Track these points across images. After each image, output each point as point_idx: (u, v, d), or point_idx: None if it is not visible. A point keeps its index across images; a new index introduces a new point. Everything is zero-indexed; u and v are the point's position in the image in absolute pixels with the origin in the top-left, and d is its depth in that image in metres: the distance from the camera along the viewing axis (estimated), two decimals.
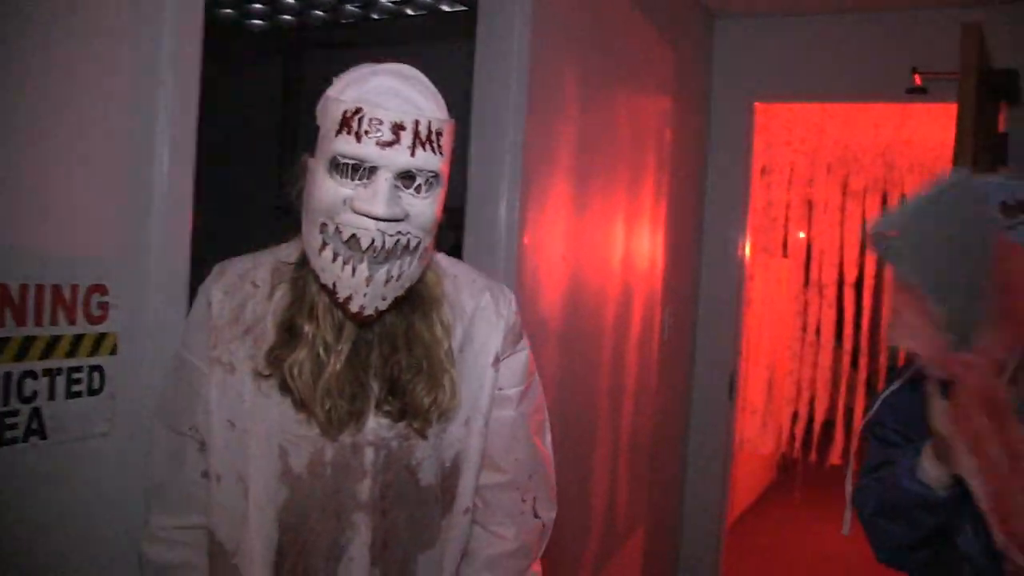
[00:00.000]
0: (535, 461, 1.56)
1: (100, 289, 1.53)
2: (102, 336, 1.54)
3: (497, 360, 1.48)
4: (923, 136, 6.31)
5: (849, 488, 1.87)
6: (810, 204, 7.11)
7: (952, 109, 3.02)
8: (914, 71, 4.02)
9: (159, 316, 1.63)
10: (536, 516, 1.56)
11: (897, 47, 4.17)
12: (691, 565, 4.75)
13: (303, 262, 1.36)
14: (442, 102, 1.29)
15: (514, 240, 2.54)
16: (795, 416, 7.27)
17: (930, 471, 1.52)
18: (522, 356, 1.54)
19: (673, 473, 4.58)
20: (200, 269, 1.52)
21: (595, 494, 3.32)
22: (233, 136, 4.96)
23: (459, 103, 1.43)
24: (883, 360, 7.10)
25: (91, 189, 1.51)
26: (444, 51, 3.82)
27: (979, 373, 1.35)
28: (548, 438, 1.61)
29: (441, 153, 1.26)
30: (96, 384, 1.53)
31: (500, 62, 2.54)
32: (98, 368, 1.54)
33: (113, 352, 1.56)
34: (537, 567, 1.60)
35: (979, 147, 3.10)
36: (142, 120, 1.59)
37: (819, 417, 7.25)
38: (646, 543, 4.07)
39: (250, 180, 5.06)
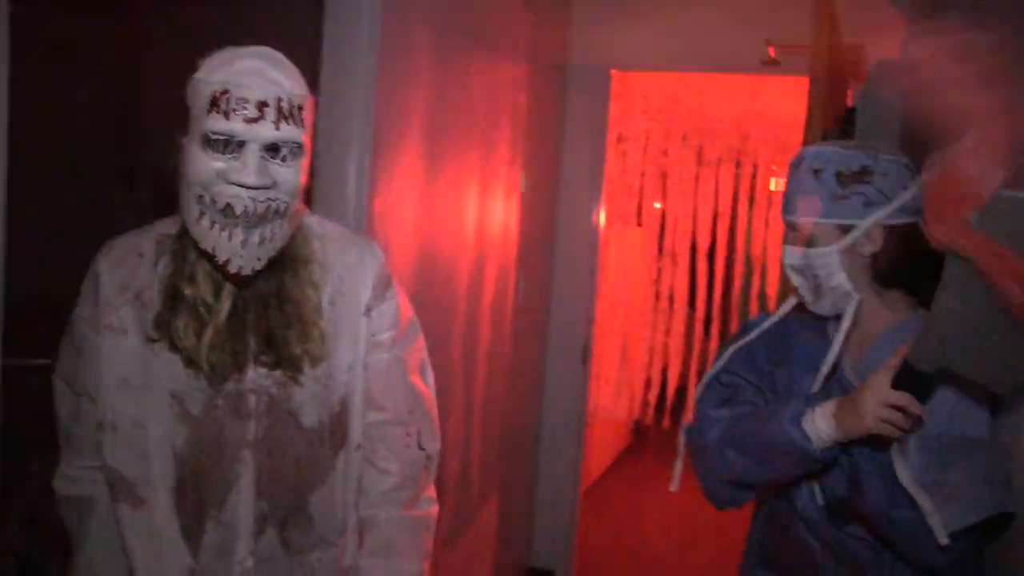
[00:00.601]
0: (414, 397, 1.75)
1: None
2: None
3: (368, 310, 1.65)
4: (777, 108, 6.47)
5: (682, 440, 1.91)
6: (664, 173, 7.22)
7: (804, 82, 3.08)
8: (768, 43, 4.09)
9: None
10: (420, 448, 1.77)
11: (753, 19, 4.20)
12: (548, 528, 4.78)
13: (183, 233, 1.49)
14: (302, 80, 1.44)
15: (364, 206, 2.45)
16: (648, 382, 7.43)
17: (819, 425, 1.54)
18: (392, 304, 1.71)
19: (528, 439, 4.59)
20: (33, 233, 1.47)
21: (448, 462, 3.29)
22: (69, 98, 4.69)
23: (308, 64, 1.46)
24: (734, 325, 7.34)
25: None
26: (292, 9, 3.68)
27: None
28: (429, 377, 1.80)
29: (302, 126, 1.42)
30: None
31: (350, 21, 2.44)
32: None
33: None
34: (431, 492, 1.83)
35: (829, 121, 3.17)
36: None
37: (672, 383, 7.43)
38: (502, 508, 4.06)
39: (90, 144, 4.80)
